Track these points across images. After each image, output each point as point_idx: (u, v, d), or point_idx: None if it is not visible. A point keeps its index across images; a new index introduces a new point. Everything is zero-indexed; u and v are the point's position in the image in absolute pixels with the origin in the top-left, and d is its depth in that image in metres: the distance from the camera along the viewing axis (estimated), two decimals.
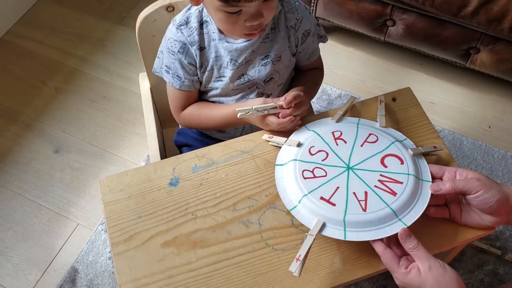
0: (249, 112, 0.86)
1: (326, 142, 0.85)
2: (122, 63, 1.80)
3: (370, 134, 0.86)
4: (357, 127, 0.88)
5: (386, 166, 0.81)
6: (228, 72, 0.94)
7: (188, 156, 0.90)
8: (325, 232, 0.75)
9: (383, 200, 0.77)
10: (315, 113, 1.17)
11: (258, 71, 0.95)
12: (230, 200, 0.84)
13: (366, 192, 0.78)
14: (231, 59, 0.93)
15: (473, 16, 1.40)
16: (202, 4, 0.87)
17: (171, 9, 1.00)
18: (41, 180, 1.52)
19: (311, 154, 0.84)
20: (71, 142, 1.60)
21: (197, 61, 0.93)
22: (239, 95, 0.99)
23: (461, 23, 1.46)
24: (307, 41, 0.98)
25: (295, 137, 0.88)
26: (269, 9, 0.82)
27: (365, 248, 0.78)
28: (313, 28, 0.99)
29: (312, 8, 1.66)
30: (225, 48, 0.92)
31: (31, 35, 1.88)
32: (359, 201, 0.77)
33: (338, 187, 0.79)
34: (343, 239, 0.74)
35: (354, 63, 1.79)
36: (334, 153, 0.84)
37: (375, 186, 0.79)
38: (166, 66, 0.96)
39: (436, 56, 1.65)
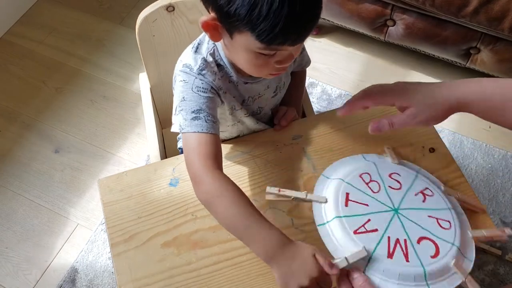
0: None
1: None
2: (122, 63, 1.80)
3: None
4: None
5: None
6: (241, 111, 0.92)
7: None
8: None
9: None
10: (315, 113, 1.17)
11: (269, 103, 0.96)
12: None
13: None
14: (248, 97, 0.91)
15: (473, 16, 1.40)
16: (214, 45, 0.82)
17: (171, 9, 1.00)
18: (41, 180, 1.52)
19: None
20: (71, 142, 1.60)
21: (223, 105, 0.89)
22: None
23: (461, 23, 1.46)
24: (302, 53, 0.97)
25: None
26: (298, 49, 0.78)
27: None
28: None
29: None
30: (245, 89, 0.88)
31: (31, 35, 1.88)
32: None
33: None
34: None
35: (354, 63, 1.79)
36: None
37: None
38: (195, 111, 0.79)
39: (436, 56, 1.65)
